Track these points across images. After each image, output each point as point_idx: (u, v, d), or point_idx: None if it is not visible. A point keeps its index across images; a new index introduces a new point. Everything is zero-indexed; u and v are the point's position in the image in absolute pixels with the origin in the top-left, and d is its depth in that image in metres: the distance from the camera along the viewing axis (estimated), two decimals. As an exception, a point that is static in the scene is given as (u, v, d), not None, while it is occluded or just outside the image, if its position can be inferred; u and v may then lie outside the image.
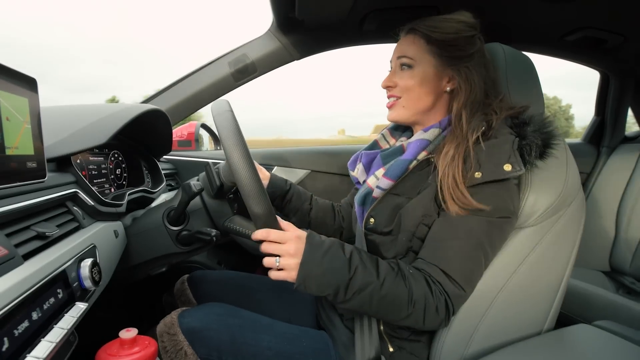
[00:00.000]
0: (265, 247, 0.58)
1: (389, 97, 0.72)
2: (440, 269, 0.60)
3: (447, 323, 0.62)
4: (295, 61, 1.15)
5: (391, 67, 0.73)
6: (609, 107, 1.52)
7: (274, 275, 0.58)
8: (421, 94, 0.68)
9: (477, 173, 0.59)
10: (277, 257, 0.57)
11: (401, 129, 0.82)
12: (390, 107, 0.72)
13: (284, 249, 0.57)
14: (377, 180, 0.69)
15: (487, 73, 0.68)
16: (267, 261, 0.58)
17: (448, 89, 0.68)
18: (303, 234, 0.59)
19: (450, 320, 0.63)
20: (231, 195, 0.78)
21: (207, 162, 0.75)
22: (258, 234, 0.58)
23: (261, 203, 0.58)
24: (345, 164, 0.86)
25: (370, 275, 0.57)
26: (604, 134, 1.55)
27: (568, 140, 1.68)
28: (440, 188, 0.61)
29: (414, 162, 0.66)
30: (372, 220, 0.69)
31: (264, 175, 0.87)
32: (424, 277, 0.59)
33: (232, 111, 0.63)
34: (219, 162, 0.74)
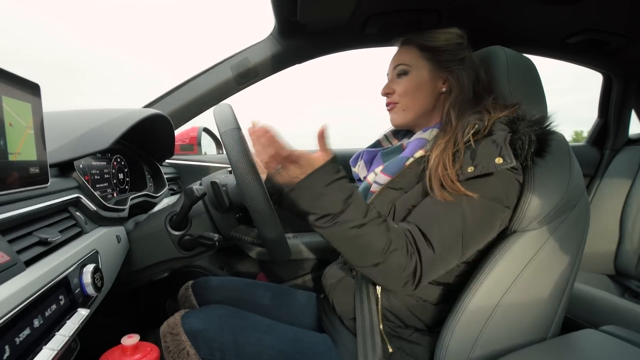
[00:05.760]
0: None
1: (387, 103, 0.77)
2: (419, 229, 0.60)
3: (411, 288, 0.60)
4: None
5: (388, 77, 0.78)
6: (612, 109, 1.51)
7: (289, 165, 0.59)
8: (419, 96, 0.73)
9: (469, 167, 0.60)
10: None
11: (403, 132, 0.85)
12: (390, 110, 0.77)
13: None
14: (376, 176, 0.72)
15: (477, 76, 0.73)
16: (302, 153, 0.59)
17: (444, 89, 0.73)
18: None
19: (418, 282, 0.59)
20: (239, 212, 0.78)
21: (215, 181, 0.75)
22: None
23: (274, 229, 0.62)
24: (345, 166, 0.86)
25: (358, 212, 0.59)
26: (608, 136, 1.54)
27: (571, 143, 1.67)
28: (430, 177, 0.62)
29: (411, 160, 0.70)
30: None
31: (262, 169, 0.87)
32: (404, 236, 0.60)
33: (239, 128, 0.63)
34: (222, 172, 0.75)
